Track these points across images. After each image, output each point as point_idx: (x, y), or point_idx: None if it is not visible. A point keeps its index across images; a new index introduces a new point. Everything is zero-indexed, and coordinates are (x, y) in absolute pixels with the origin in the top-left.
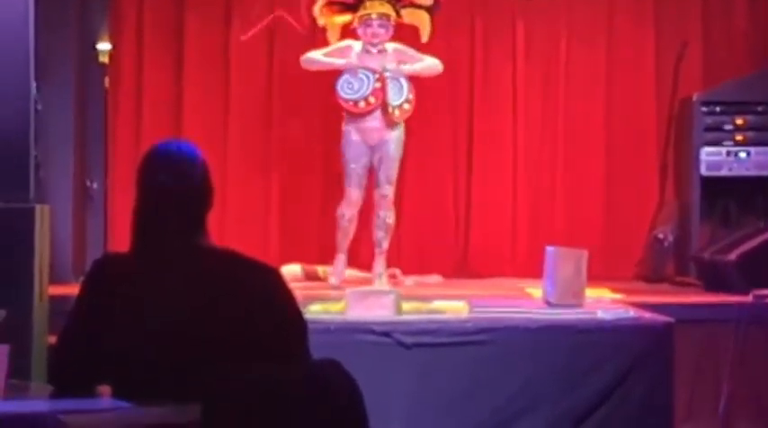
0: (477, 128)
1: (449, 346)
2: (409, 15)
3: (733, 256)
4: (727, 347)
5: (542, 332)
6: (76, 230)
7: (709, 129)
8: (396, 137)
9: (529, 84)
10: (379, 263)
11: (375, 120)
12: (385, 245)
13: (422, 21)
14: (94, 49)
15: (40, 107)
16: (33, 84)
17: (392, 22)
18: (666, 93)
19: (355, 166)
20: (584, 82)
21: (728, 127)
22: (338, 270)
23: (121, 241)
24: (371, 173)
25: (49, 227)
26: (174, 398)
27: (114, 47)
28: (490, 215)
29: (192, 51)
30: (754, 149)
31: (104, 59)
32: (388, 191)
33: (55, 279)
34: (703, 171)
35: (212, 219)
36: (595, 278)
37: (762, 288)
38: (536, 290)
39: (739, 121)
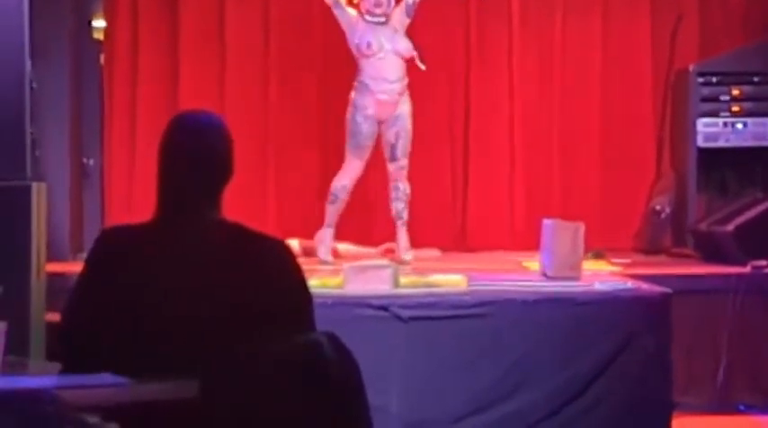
0: (474, 101)
1: (446, 320)
2: None
3: (730, 227)
4: (724, 318)
5: (540, 305)
6: (73, 207)
7: (705, 99)
8: (408, 110)
9: (524, 56)
10: (402, 235)
11: (392, 94)
12: (405, 215)
13: None
14: (89, 25)
15: (35, 85)
16: (28, 62)
17: None
18: (663, 65)
19: (365, 142)
20: (580, 54)
21: (725, 98)
22: (327, 244)
23: (118, 217)
24: (385, 147)
25: (45, 204)
26: (180, 372)
27: (109, 23)
28: (487, 189)
29: (188, 27)
30: (750, 120)
31: (99, 36)
32: (405, 163)
33: (52, 256)
34: (700, 142)
35: None
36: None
37: (759, 258)
38: (533, 264)
39: (736, 92)
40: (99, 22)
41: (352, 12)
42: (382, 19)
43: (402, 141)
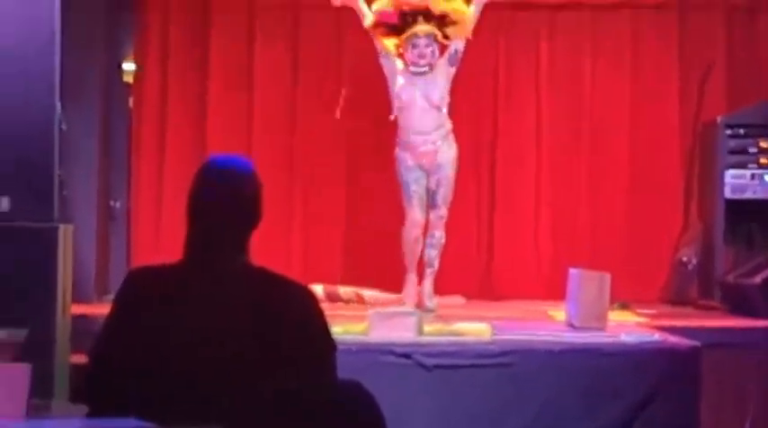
0: (500, 148)
1: (470, 368)
2: (453, 32)
3: (758, 280)
4: (751, 371)
5: (565, 355)
6: (100, 249)
7: (733, 151)
8: (451, 158)
9: (552, 103)
10: (429, 283)
11: (429, 144)
12: (436, 264)
13: (467, 19)
14: (119, 68)
15: (64, 127)
16: (58, 104)
17: (438, 43)
18: (690, 116)
19: (417, 188)
20: (609, 103)
21: (753, 149)
22: (410, 291)
23: (145, 260)
24: (428, 194)
25: (72, 246)
26: (204, 415)
27: (139, 67)
28: (513, 236)
29: (217, 71)
30: None
31: (129, 79)
32: (445, 212)
33: (78, 298)
34: (727, 193)
35: None
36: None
37: None
38: (559, 313)
39: (764, 144)
40: (129, 65)
41: (398, 63)
42: (425, 69)
43: (443, 189)
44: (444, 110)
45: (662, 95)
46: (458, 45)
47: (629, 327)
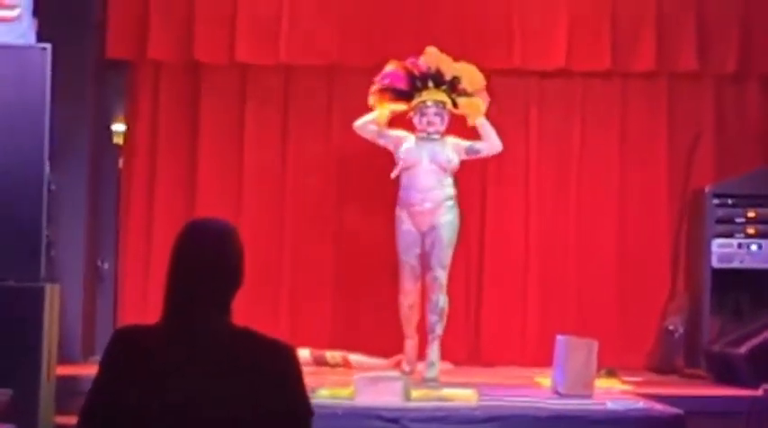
0: (489, 215)
1: None
2: (465, 105)
3: (743, 350)
4: None
5: (551, 421)
6: (86, 310)
7: (720, 220)
8: (449, 221)
9: (541, 171)
10: (434, 350)
11: (426, 203)
12: (439, 330)
13: (478, 108)
14: (109, 129)
15: (53, 187)
16: (47, 164)
17: (447, 110)
18: (679, 184)
19: (407, 258)
20: (597, 171)
21: (740, 219)
22: (409, 357)
23: (132, 321)
24: (423, 257)
25: (58, 306)
26: None
27: (129, 127)
28: (501, 303)
29: (207, 132)
30: (765, 242)
31: (119, 140)
32: (440, 274)
33: (64, 358)
34: (714, 263)
35: None
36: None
37: None
38: (545, 380)
39: (751, 214)
40: (119, 127)
41: (397, 132)
42: (435, 136)
43: (437, 251)
44: (449, 175)
45: (650, 163)
46: (482, 148)
47: (614, 395)
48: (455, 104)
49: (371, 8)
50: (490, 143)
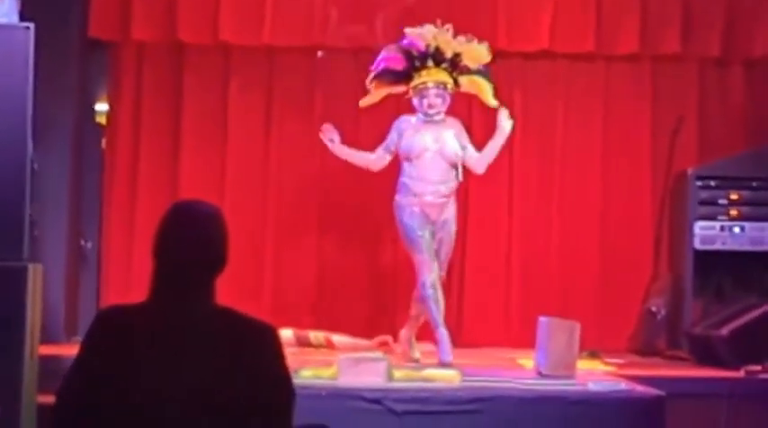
0: (472, 197)
1: (440, 414)
2: (467, 83)
3: (725, 332)
4: (718, 422)
5: (534, 403)
6: (69, 290)
7: (703, 203)
8: (455, 215)
9: (525, 153)
10: (408, 330)
11: (438, 197)
12: (422, 319)
13: (481, 88)
14: (92, 109)
15: (36, 166)
16: (30, 144)
17: (449, 91)
18: (662, 167)
19: (422, 233)
20: (581, 153)
21: (723, 201)
22: (445, 347)
23: (114, 301)
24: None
25: (41, 286)
26: None
27: (112, 108)
28: (484, 284)
29: (190, 113)
30: (748, 224)
31: (102, 120)
32: (444, 271)
33: (47, 338)
34: (697, 245)
35: None
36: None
37: (753, 363)
38: (528, 361)
39: (734, 196)
40: (102, 106)
41: (395, 132)
42: (437, 119)
43: (445, 248)
44: (456, 166)
45: (633, 145)
46: (470, 159)
47: (596, 376)
48: (457, 83)
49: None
50: (479, 163)
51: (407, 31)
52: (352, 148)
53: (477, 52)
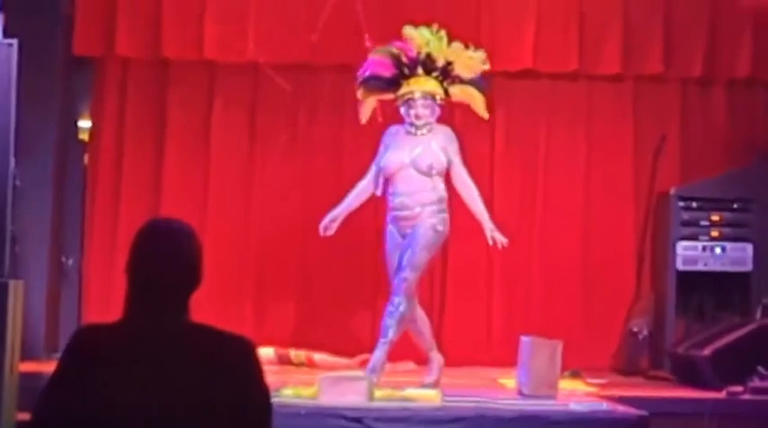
0: (454, 213)
1: None
2: (459, 93)
3: (707, 352)
4: None
5: (515, 422)
6: (50, 306)
7: (685, 223)
8: (431, 224)
9: (507, 171)
10: (378, 354)
11: (408, 209)
12: (391, 334)
13: (473, 98)
14: (76, 125)
15: (18, 182)
16: (12, 160)
17: (438, 101)
18: (644, 187)
19: (393, 255)
20: (563, 172)
21: (705, 222)
22: (433, 370)
23: (95, 317)
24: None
25: (22, 302)
26: None
27: (95, 124)
28: (465, 303)
29: (174, 130)
30: (729, 245)
31: (84, 137)
32: (409, 276)
33: (27, 354)
34: (679, 265)
35: None
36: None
37: (735, 384)
38: (510, 380)
39: (715, 217)
40: (85, 123)
41: (383, 148)
42: (423, 131)
43: (410, 252)
44: (436, 177)
45: (616, 165)
46: (454, 176)
47: (578, 396)
48: (447, 93)
49: (341, 9)
50: (460, 188)
51: (405, 30)
52: (343, 203)
53: (471, 61)
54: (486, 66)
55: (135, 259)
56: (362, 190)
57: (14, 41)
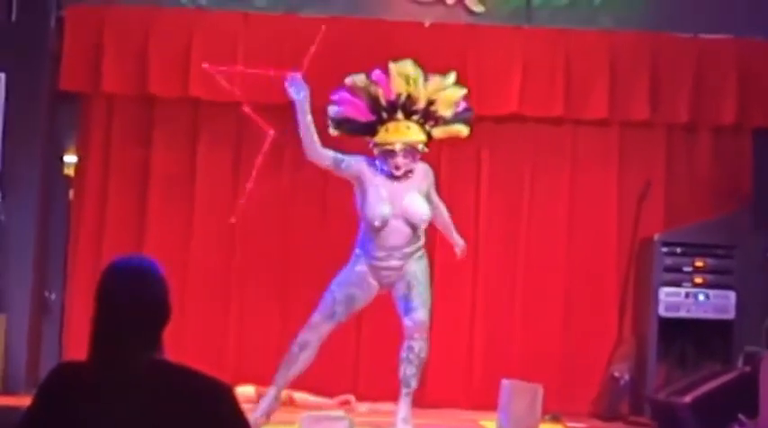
0: (437, 256)
1: None
2: (442, 134)
3: (688, 399)
4: None
5: None
6: (32, 341)
7: (668, 269)
8: (420, 267)
9: (491, 216)
10: (406, 405)
11: (395, 260)
12: (414, 383)
13: (458, 133)
14: (61, 161)
15: (2, 217)
16: None
17: (420, 150)
18: (628, 231)
19: (339, 293)
20: (547, 216)
21: (688, 268)
22: (262, 405)
23: (77, 353)
24: (396, 303)
25: (4, 336)
26: None
27: (80, 159)
28: (447, 346)
29: (159, 166)
30: (712, 292)
31: (70, 172)
32: (424, 316)
33: (7, 389)
34: (661, 311)
35: (169, 339)
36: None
37: None
38: (490, 423)
39: (699, 263)
40: (70, 158)
41: (354, 169)
42: (404, 178)
43: (416, 290)
44: (420, 228)
45: (600, 210)
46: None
47: None
48: (430, 136)
49: (328, 52)
50: (440, 224)
51: (390, 66)
52: (311, 124)
53: (451, 96)
54: (464, 92)
55: (99, 300)
56: (315, 144)
57: (1, 76)
